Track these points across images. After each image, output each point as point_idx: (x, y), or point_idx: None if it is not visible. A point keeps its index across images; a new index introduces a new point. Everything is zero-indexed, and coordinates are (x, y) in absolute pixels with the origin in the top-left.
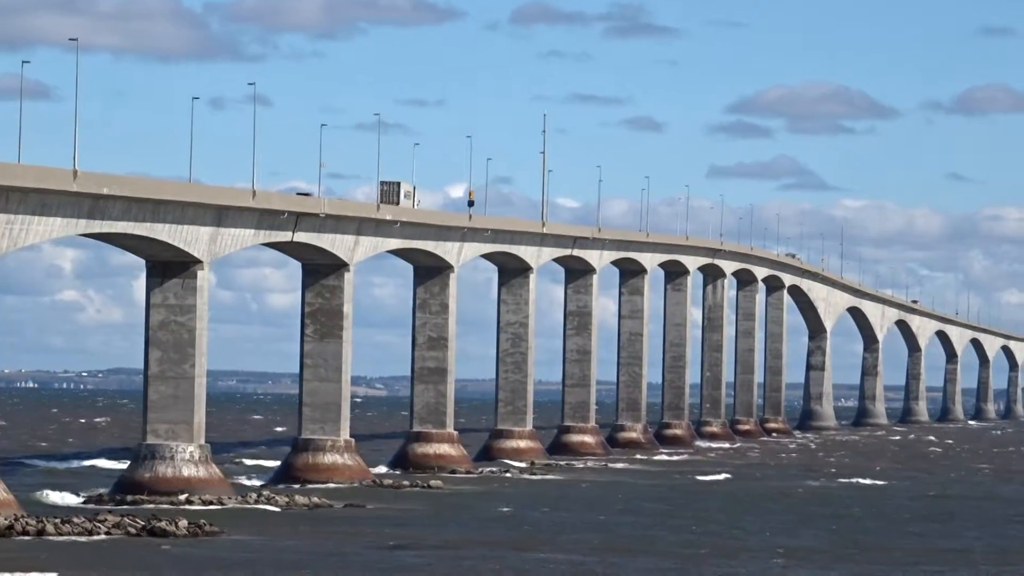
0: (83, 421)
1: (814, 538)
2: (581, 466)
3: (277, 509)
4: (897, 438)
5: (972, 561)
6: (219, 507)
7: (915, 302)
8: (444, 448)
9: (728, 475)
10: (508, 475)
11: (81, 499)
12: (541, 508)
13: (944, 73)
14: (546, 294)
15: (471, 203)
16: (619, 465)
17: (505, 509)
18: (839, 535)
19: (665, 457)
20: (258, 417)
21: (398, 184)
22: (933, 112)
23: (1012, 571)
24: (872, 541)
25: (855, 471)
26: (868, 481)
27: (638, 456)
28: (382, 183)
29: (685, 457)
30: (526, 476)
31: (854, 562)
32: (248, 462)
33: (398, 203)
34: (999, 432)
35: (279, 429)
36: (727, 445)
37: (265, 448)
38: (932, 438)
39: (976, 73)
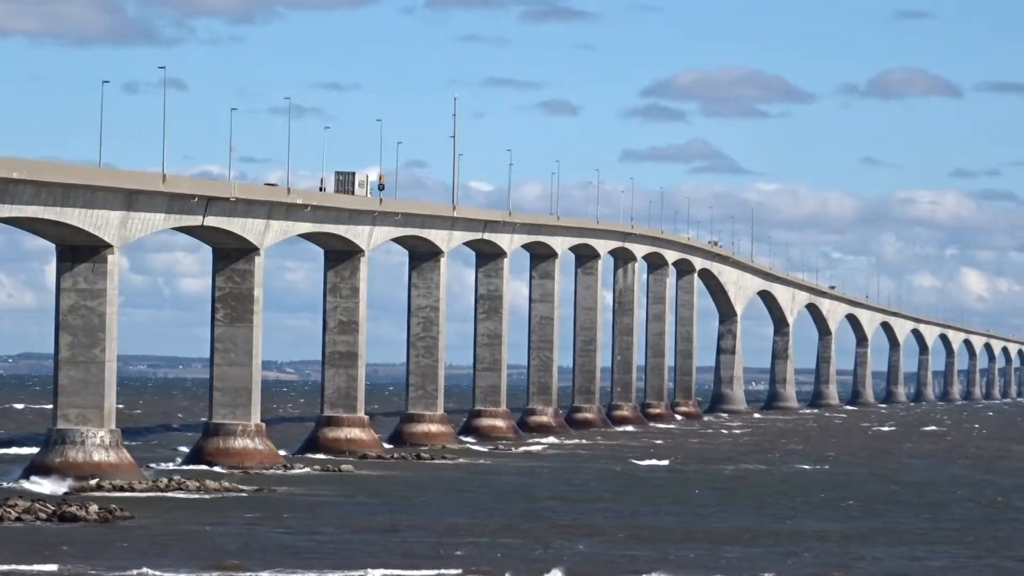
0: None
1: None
2: (518, 451)
3: (188, 495)
4: (825, 423)
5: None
6: (130, 493)
7: (833, 287)
8: (355, 432)
9: (667, 460)
10: (420, 459)
11: None
12: (467, 490)
13: (859, 57)
14: (458, 278)
15: (382, 187)
16: (535, 448)
17: (420, 492)
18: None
19: (585, 440)
20: (167, 401)
21: (353, 174)
22: (848, 96)
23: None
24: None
25: (837, 453)
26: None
27: (551, 440)
28: (337, 173)
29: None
30: (438, 460)
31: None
32: (159, 446)
33: (352, 192)
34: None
35: (181, 416)
36: (673, 426)
37: (176, 432)
38: (858, 423)
39: (891, 56)
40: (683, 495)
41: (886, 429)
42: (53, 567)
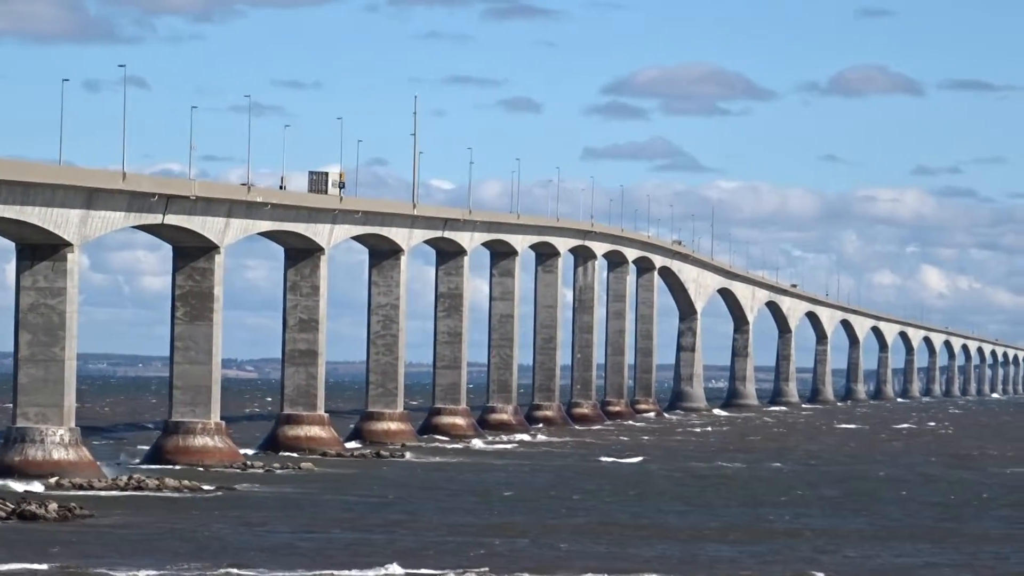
0: None
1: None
2: (478, 447)
3: (148, 493)
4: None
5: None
6: (90, 491)
7: (794, 286)
8: (315, 430)
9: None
10: (380, 457)
11: None
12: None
13: (821, 54)
14: (419, 276)
15: (342, 185)
16: (495, 447)
17: (378, 489)
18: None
19: (549, 438)
20: (124, 399)
21: (326, 174)
22: (809, 93)
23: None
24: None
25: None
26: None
27: (506, 436)
28: (311, 173)
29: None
30: (398, 458)
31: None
32: (119, 445)
33: (326, 192)
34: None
35: (131, 411)
36: (631, 422)
37: (136, 431)
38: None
39: (853, 54)
40: (667, 491)
41: (853, 427)
42: (16, 566)
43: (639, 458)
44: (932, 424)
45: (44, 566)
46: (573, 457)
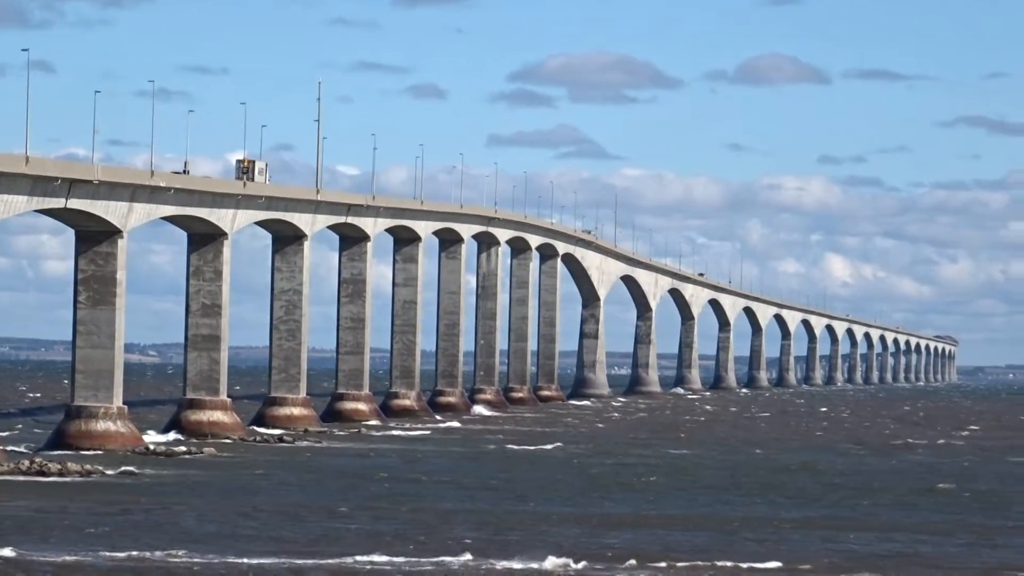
0: None
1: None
2: (380, 434)
3: (50, 478)
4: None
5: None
6: None
7: (701, 275)
8: (217, 415)
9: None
10: (282, 442)
11: None
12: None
13: (728, 43)
14: (322, 262)
15: (245, 170)
16: (400, 432)
17: (282, 475)
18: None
19: (456, 423)
20: (41, 383)
21: (253, 162)
22: (716, 82)
23: None
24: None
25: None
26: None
27: (410, 423)
28: (238, 161)
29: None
30: (301, 443)
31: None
32: (20, 429)
33: (253, 179)
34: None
35: (33, 395)
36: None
37: (37, 416)
38: (709, 407)
39: (760, 43)
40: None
41: (766, 414)
42: None
43: (551, 445)
44: (823, 409)
45: None
46: (486, 443)
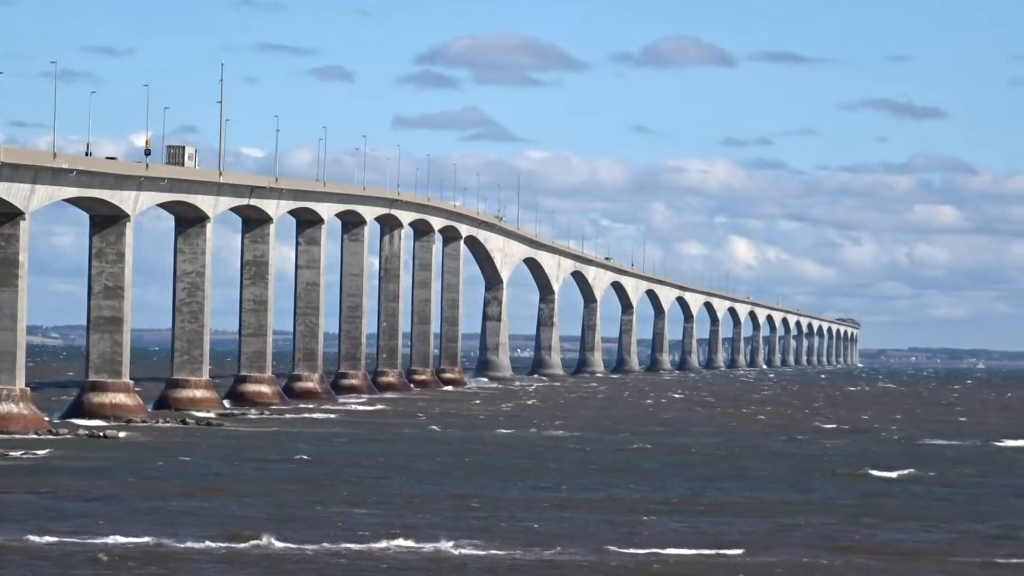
0: None
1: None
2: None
3: None
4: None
5: None
6: None
7: (608, 259)
8: (120, 398)
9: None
10: (185, 425)
11: None
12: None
13: (634, 25)
14: (225, 244)
15: (148, 152)
16: (305, 416)
17: (186, 458)
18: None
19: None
20: None
21: (183, 148)
22: (622, 64)
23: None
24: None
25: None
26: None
27: (312, 405)
28: (169, 147)
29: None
30: (205, 425)
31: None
32: None
33: (183, 164)
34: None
35: None
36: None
37: None
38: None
39: (666, 25)
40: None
41: (678, 395)
42: None
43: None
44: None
45: None
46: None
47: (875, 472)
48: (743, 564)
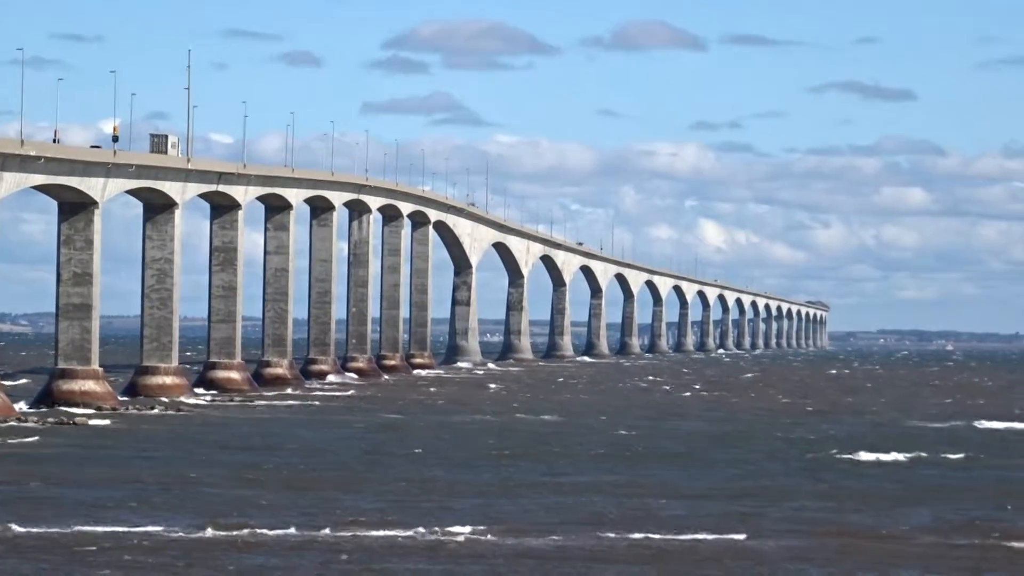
0: None
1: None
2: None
3: None
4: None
5: None
6: None
7: (580, 244)
8: (89, 385)
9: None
10: (154, 411)
11: None
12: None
13: (603, 9)
14: (194, 230)
15: (115, 138)
16: (280, 402)
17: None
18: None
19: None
20: None
21: (166, 136)
22: (592, 48)
23: None
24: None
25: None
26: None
27: (288, 391)
28: (152, 135)
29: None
30: (175, 412)
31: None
32: None
33: (166, 152)
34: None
35: None
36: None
37: None
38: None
39: (635, 8)
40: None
41: (658, 379)
42: None
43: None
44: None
45: None
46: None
47: (869, 455)
48: (744, 548)
